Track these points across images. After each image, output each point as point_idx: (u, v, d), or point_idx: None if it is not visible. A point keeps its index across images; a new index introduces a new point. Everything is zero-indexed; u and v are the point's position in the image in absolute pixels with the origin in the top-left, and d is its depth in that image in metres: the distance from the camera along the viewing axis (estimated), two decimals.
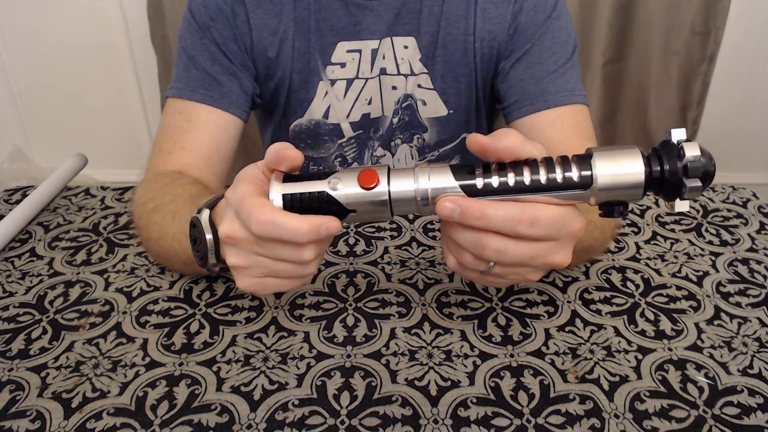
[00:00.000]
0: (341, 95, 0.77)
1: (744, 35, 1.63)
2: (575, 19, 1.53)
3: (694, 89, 1.63)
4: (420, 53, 0.76)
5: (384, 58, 0.76)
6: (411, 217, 0.72)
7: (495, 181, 0.39)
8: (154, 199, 0.60)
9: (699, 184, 0.38)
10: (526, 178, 0.38)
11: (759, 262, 0.64)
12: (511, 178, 0.39)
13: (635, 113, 1.69)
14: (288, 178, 0.41)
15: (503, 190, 0.39)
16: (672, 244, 0.67)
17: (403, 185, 0.40)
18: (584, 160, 0.39)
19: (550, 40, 0.71)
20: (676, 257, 0.65)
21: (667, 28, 1.55)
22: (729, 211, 0.74)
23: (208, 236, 0.47)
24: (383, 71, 0.76)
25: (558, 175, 0.38)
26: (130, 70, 1.73)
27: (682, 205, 0.39)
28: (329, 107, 0.78)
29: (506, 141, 0.38)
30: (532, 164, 0.39)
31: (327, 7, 0.73)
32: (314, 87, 0.77)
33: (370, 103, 0.78)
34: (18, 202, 0.76)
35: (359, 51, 0.75)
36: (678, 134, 0.38)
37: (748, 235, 0.69)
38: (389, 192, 0.40)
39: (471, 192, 0.39)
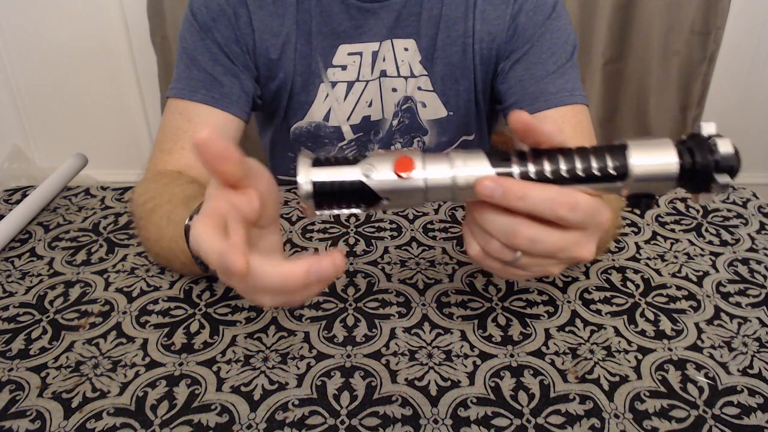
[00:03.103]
0: (342, 98, 0.77)
1: (744, 35, 1.63)
2: (575, 19, 1.53)
3: (694, 89, 1.63)
4: (420, 55, 0.76)
5: (384, 60, 0.76)
6: (411, 216, 0.72)
7: (532, 168, 0.38)
8: (153, 198, 0.61)
9: (728, 180, 0.37)
10: (563, 167, 0.38)
11: (759, 262, 0.64)
12: (547, 167, 0.38)
13: (635, 113, 1.69)
14: (317, 160, 0.38)
15: (541, 179, 0.38)
16: (672, 244, 0.67)
17: (439, 171, 0.38)
18: (619, 151, 0.38)
19: (550, 41, 0.71)
20: (676, 257, 0.65)
21: (667, 28, 1.55)
22: (729, 211, 0.74)
23: None
24: (383, 73, 0.77)
25: (594, 165, 0.38)
26: (130, 70, 1.73)
27: (706, 198, 0.39)
28: (330, 110, 0.78)
29: (547, 126, 0.37)
30: (567, 153, 0.38)
31: (329, 10, 0.73)
32: (315, 89, 0.77)
33: (370, 105, 0.78)
34: (18, 202, 0.76)
35: (360, 53, 0.75)
36: (708, 128, 0.38)
37: (748, 235, 0.69)
38: (426, 178, 0.38)
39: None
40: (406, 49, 0.75)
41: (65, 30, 1.67)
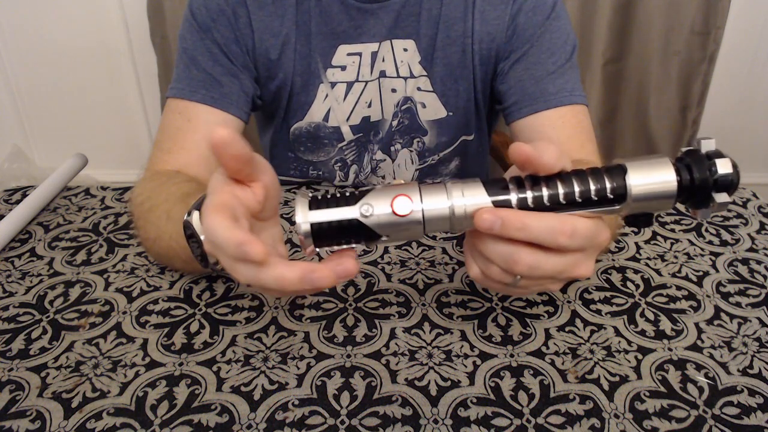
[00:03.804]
0: (341, 98, 0.77)
1: (744, 35, 1.63)
2: (575, 19, 1.53)
3: (694, 89, 1.63)
4: (419, 56, 0.76)
5: (383, 60, 0.76)
6: None
7: (530, 196, 0.38)
8: (150, 198, 0.61)
9: (727, 198, 0.38)
10: (561, 193, 0.38)
11: (759, 262, 0.64)
12: (545, 193, 0.38)
13: (635, 113, 1.69)
14: (314, 200, 0.39)
15: (538, 207, 0.38)
16: (672, 244, 0.67)
17: (436, 203, 0.38)
18: (617, 173, 0.38)
19: (549, 41, 0.71)
20: (676, 257, 0.65)
21: (667, 28, 1.55)
22: (729, 211, 0.74)
23: (203, 236, 0.47)
24: (383, 74, 0.77)
25: (592, 189, 0.38)
26: (130, 70, 1.73)
27: (705, 213, 0.39)
28: (329, 110, 0.78)
29: (547, 156, 0.37)
30: (566, 178, 0.38)
31: (328, 10, 0.73)
32: (315, 90, 0.77)
33: (369, 106, 0.78)
34: (18, 202, 0.76)
35: (359, 54, 0.75)
36: (708, 145, 0.38)
37: (748, 235, 0.69)
38: (423, 212, 0.38)
39: (504, 207, 0.38)
40: (405, 50, 0.75)
41: (65, 30, 1.67)
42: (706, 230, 0.70)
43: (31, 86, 1.77)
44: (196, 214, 0.47)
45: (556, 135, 0.70)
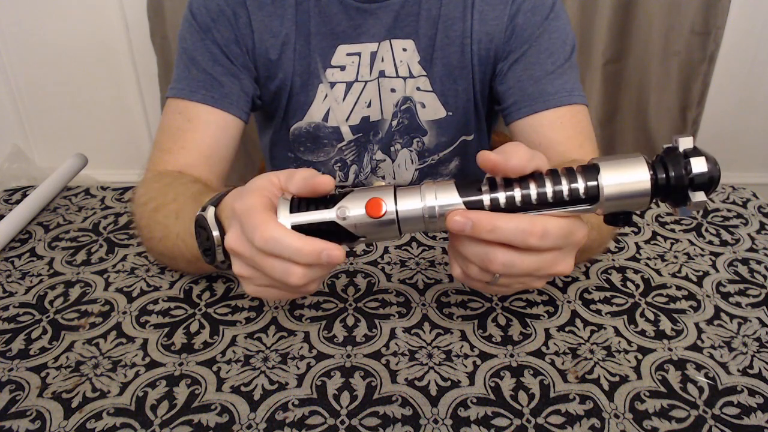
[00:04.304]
0: (341, 98, 0.77)
1: (744, 35, 1.63)
2: (575, 19, 1.53)
3: (694, 89, 1.63)
4: (419, 56, 0.76)
5: (383, 60, 0.76)
6: None
7: (502, 197, 0.39)
8: (155, 198, 0.61)
9: (704, 198, 0.38)
10: (533, 194, 0.38)
11: (759, 262, 0.64)
12: (518, 194, 0.39)
13: (635, 113, 1.69)
14: (294, 202, 0.40)
15: (510, 207, 0.39)
16: (672, 244, 0.67)
17: (409, 205, 0.40)
18: (590, 172, 0.38)
19: (548, 41, 0.71)
20: (676, 257, 0.65)
21: (667, 28, 1.55)
22: (729, 211, 0.74)
23: (215, 233, 0.47)
24: (382, 74, 0.76)
25: (564, 189, 0.38)
26: (130, 70, 1.73)
27: (685, 212, 0.39)
28: (329, 110, 0.78)
29: (515, 159, 0.38)
30: (539, 179, 0.39)
31: (327, 10, 0.73)
32: (314, 90, 0.77)
33: (369, 106, 0.78)
34: (18, 202, 0.76)
35: (359, 54, 0.75)
36: (685, 143, 0.38)
37: (748, 235, 0.69)
38: (397, 213, 0.39)
39: (477, 209, 0.39)
40: (404, 50, 0.75)
41: (65, 30, 1.67)
42: (706, 230, 0.70)
43: (31, 86, 1.77)
44: (211, 210, 0.47)
45: (556, 135, 0.70)
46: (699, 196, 0.38)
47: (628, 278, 0.62)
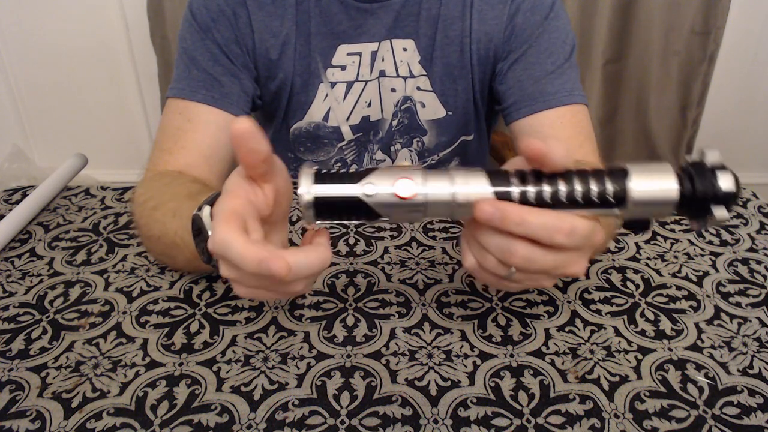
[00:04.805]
0: (341, 98, 0.77)
1: (744, 35, 1.63)
2: (575, 19, 1.53)
3: (694, 89, 1.63)
4: (419, 55, 0.76)
5: (383, 60, 0.76)
6: None
7: (531, 191, 0.38)
8: (154, 197, 0.61)
9: (726, 214, 0.38)
10: (562, 191, 0.38)
11: (759, 262, 0.64)
12: (547, 190, 0.38)
13: (635, 113, 1.69)
14: (319, 174, 0.39)
15: (538, 203, 0.38)
16: (672, 244, 0.67)
17: (439, 188, 0.38)
18: (619, 176, 0.38)
19: (548, 41, 0.71)
20: (676, 257, 0.65)
21: (667, 28, 1.55)
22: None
23: (211, 232, 0.47)
24: (382, 73, 0.77)
25: (593, 190, 0.38)
26: (130, 70, 1.73)
27: (702, 224, 0.39)
28: (329, 110, 0.78)
29: (557, 155, 0.37)
30: (568, 177, 0.38)
31: (328, 10, 0.73)
32: (315, 89, 0.77)
33: (369, 105, 0.78)
34: (18, 202, 0.76)
35: (359, 54, 0.75)
36: (712, 156, 0.38)
37: (748, 235, 0.69)
38: (426, 197, 0.38)
39: (505, 199, 0.38)
40: (405, 49, 0.75)
41: (65, 30, 1.67)
42: (706, 230, 0.70)
43: (31, 86, 1.77)
44: (206, 209, 0.47)
45: (556, 135, 0.70)
46: (721, 212, 0.38)
47: (628, 278, 0.62)
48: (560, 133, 0.70)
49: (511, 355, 0.51)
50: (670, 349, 0.52)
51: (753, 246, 0.67)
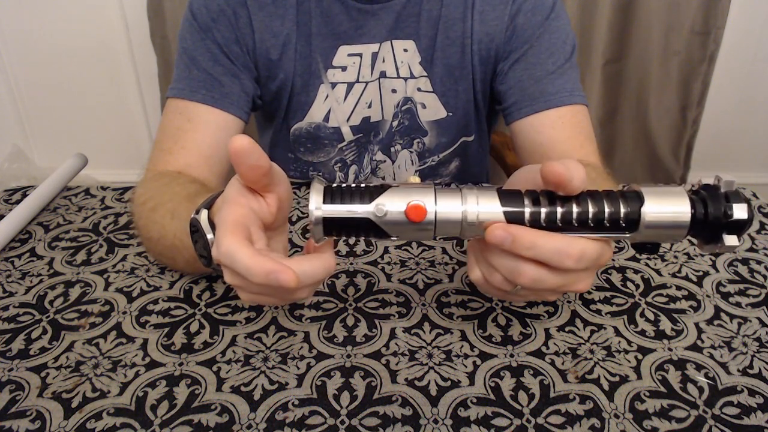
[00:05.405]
0: (342, 99, 0.77)
1: (744, 35, 1.63)
2: (575, 19, 1.53)
3: (694, 89, 1.63)
4: (419, 56, 0.76)
5: (384, 61, 0.76)
6: None
7: (543, 213, 0.38)
8: (153, 198, 0.61)
9: (736, 243, 0.38)
10: (574, 215, 0.38)
11: (759, 262, 0.64)
12: (559, 213, 0.38)
13: (635, 113, 1.69)
14: (329, 190, 0.39)
15: (549, 225, 0.38)
16: (672, 243, 0.67)
17: (450, 208, 0.38)
18: (632, 200, 0.38)
19: (549, 41, 0.71)
20: (676, 257, 0.65)
21: (667, 28, 1.55)
22: None
23: (209, 236, 0.47)
24: (383, 74, 0.77)
25: (606, 214, 0.38)
26: (130, 70, 1.73)
27: (711, 249, 0.40)
28: (330, 110, 0.78)
29: (577, 181, 0.37)
30: (581, 199, 0.38)
31: (329, 11, 0.73)
32: (315, 90, 0.77)
33: (370, 106, 0.78)
34: (18, 202, 0.76)
35: (360, 54, 0.75)
36: (728, 184, 0.38)
37: (748, 235, 0.69)
38: (436, 217, 0.38)
39: (516, 221, 0.39)
40: (405, 50, 0.75)
41: (65, 30, 1.67)
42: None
43: (31, 86, 1.77)
44: (204, 213, 0.47)
45: (556, 135, 0.70)
46: (731, 240, 0.38)
47: (628, 278, 0.62)
48: (560, 133, 0.70)
49: (511, 355, 0.51)
50: (670, 349, 0.52)
51: (753, 246, 0.67)
